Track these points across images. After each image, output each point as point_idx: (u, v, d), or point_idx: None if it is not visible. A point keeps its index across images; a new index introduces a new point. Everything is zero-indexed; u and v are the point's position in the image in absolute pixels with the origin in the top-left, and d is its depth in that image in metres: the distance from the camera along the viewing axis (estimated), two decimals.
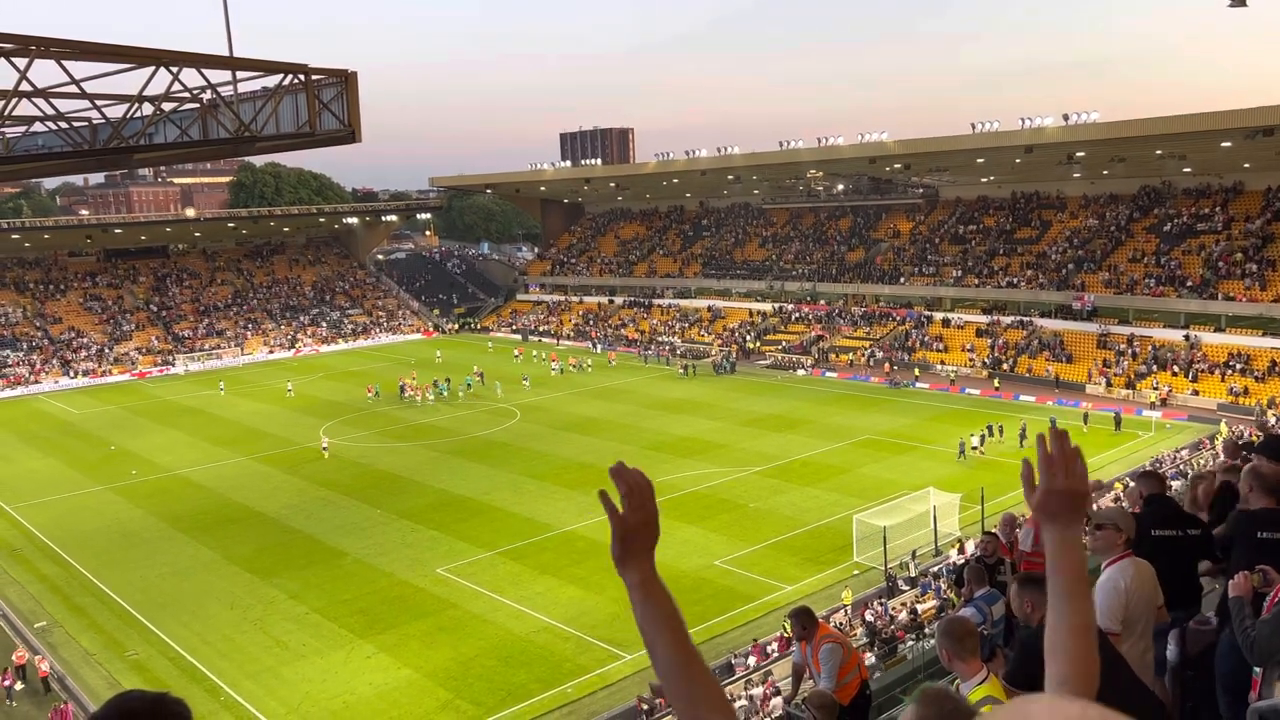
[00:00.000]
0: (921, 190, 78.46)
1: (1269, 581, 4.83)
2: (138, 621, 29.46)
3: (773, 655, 24.92)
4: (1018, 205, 72.31)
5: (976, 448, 43.07)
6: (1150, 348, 56.35)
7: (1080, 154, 59.50)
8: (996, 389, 56.25)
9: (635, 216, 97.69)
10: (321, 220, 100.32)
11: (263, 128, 14.35)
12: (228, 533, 37.07)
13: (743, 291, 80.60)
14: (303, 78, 13.88)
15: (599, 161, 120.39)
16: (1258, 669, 4.59)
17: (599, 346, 77.91)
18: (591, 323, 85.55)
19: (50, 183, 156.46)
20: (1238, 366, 52.14)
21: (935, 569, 30.06)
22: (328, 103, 14.40)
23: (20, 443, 54.22)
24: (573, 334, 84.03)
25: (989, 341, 63.05)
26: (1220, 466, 9.11)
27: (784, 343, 71.47)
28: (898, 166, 70.91)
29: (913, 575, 29.96)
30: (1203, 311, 56.45)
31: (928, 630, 23.14)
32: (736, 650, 25.65)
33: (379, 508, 39.12)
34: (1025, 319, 63.55)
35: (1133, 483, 8.80)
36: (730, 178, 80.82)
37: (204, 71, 13.40)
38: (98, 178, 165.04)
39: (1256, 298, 54.49)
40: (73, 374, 73.39)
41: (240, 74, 14.02)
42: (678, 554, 32.53)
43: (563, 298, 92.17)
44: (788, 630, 22.58)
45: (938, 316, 67.72)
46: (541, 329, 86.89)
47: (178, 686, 24.35)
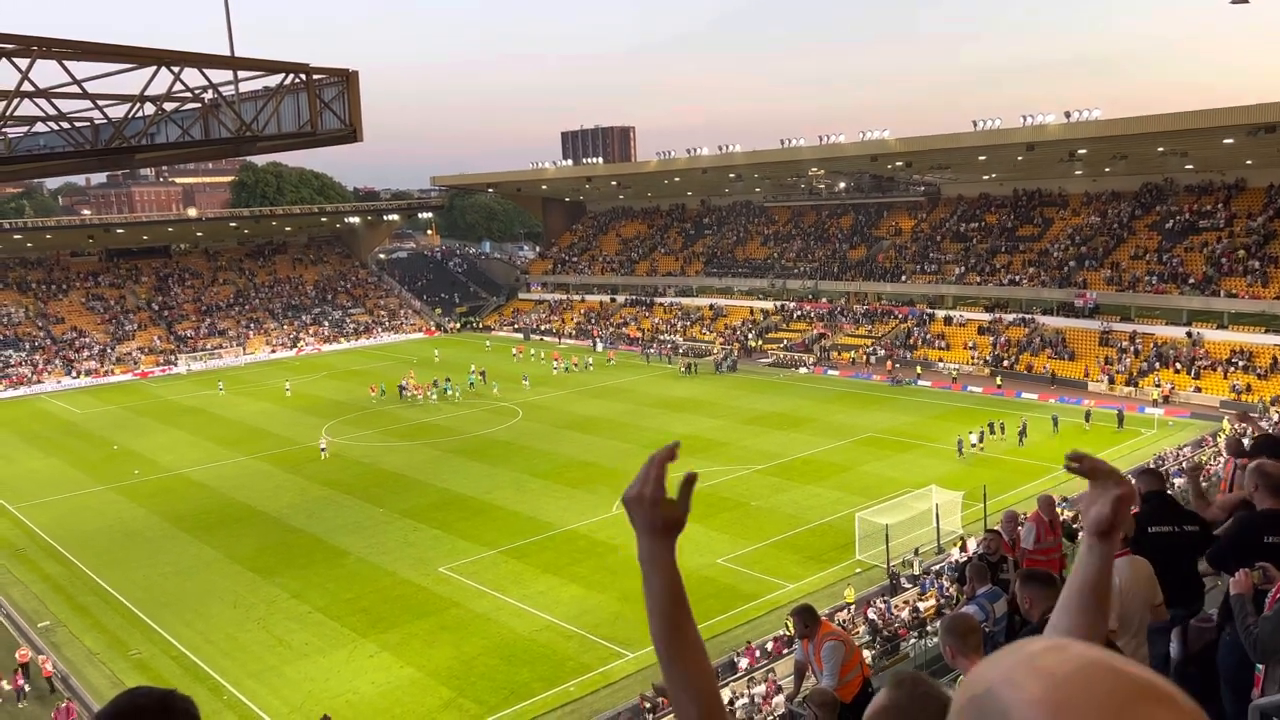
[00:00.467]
0: (923, 188, 78.41)
1: (1269, 579, 4.82)
2: (141, 621, 29.52)
3: (765, 657, 24.98)
4: (1019, 203, 72.25)
5: (976, 445, 43.08)
6: (1152, 345, 56.31)
7: (1082, 151, 59.44)
8: (999, 387, 56.22)
9: (637, 215, 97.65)
10: (323, 220, 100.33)
11: (264, 127, 14.36)
12: (230, 532, 37.13)
13: (744, 290, 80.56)
14: (304, 77, 13.88)
15: (600, 160, 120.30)
16: (1260, 666, 4.58)
17: (600, 345, 77.94)
18: (593, 321, 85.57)
19: (52, 183, 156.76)
20: (1240, 363, 52.11)
21: (938, 567, 30.08)
22: (329, 102, 14.42)
23: (23, 443, 54.32)
24: (574, 333, 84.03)
25: (991, 339, 63.01)
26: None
27: (786, 341, 71.44)
28: (899, 164, 70.85)
29: (916, 573, 29.98)
30: (1205, 308, 56.43)
31: (930, 628, 23.16)
32: (738, 649, 25.69)
33: (381, 507, 39.17)
34: (1027, 316, 63.51)
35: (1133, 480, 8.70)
36: (732, 176, 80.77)
37: (205, 71, 13.41)
38: (100, 178, 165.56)
39: (1259, 295, 54.46)
40: (75, 374, 73.47)
41: (241, 74, 14.05)
42: (680, 552, 32.25)
43: (564, 296, 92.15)
44: (790, 628, 22.63)
45: (940, 314, 67.68)
46: (543, 328, 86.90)
47: (181, 685, 24.33)
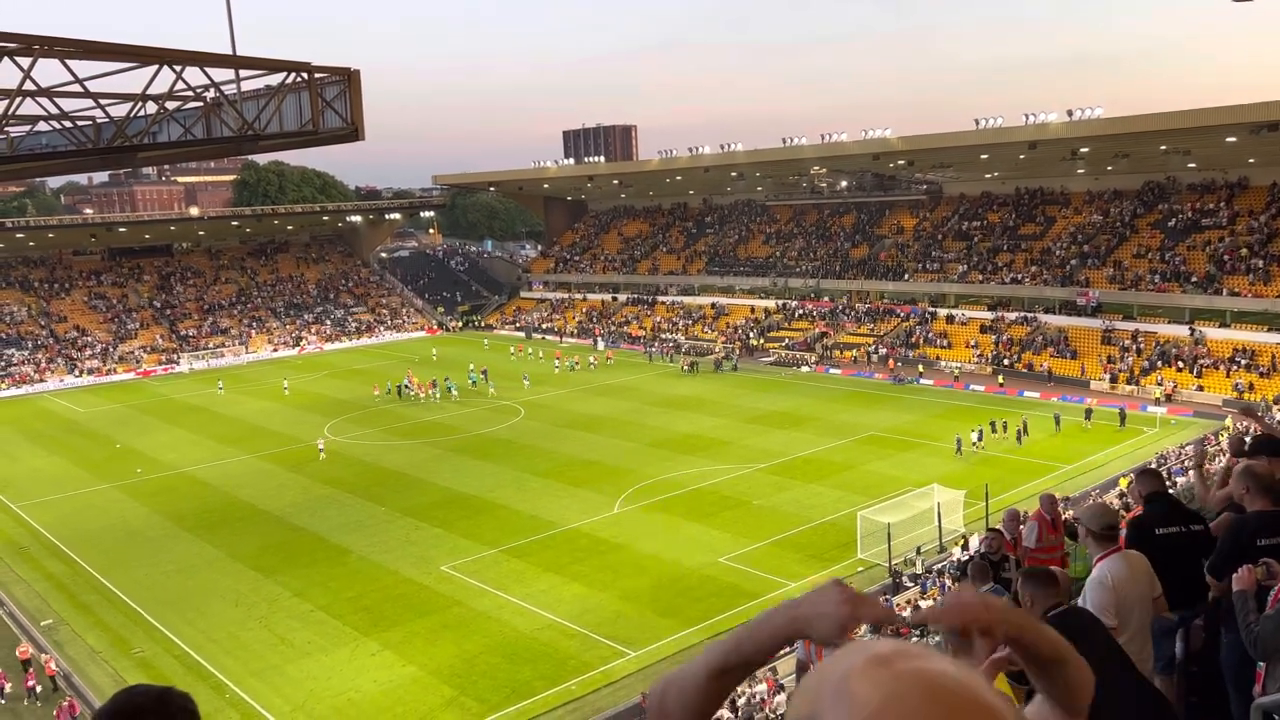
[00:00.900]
0: (925, 186, 78.34)
1: (1272, 575, 4.80)
2: (143, 619, 29.54)
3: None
4: (1022, 201, 72.18)
5: (977, 444, 43.04)
6: (1155, 343, 56.25)
7: (1084, 150, 59.38)
8: (1001, 385, 56.16)
9: (638, 214, 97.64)
10: (325, 218, 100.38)
11: (266, 126, 14.36)
12: (232, 530, 37.17)
13: (746, 288, 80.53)
14: (306, 76, 13.88)
15: (602, 159, 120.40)
16: (1261, 664, 4.58)
17: (601, 343, 77.93)
18: (595, 320, 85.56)
19: (54, 182, 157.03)
20: (1243, 362, 52.04)
21: (939, 565, 30.07)
22: (331, 101, 14.42)
23: (26, 441, 54.38)
24: (576, 331, 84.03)
25: (993, 338, 62.95)
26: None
27: (788, 339, 71.41)
28: (901, 163, 70.83)
29: (918, 572, 29.97)
30: (1207, 307, 56.35)
31: (931, 627, 23.13)
32: None
33: (383, 505, 39.18)
34: (1029, 315, 63.46)
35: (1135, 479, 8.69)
36: (734, 174, 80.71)
37: (207, 70, 13.42)
38: (102, 177, 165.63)
39: (1261, 293, 54.39)
40: (78, 372, 73.54)
41: (243, 72, 14.06)
42: (681, 551, 32.60)
43: (566, 295, 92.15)
44: None
45: (942, 313, 67.63)
46: (545, 326, 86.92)
47: (183, 684, 24.38)
